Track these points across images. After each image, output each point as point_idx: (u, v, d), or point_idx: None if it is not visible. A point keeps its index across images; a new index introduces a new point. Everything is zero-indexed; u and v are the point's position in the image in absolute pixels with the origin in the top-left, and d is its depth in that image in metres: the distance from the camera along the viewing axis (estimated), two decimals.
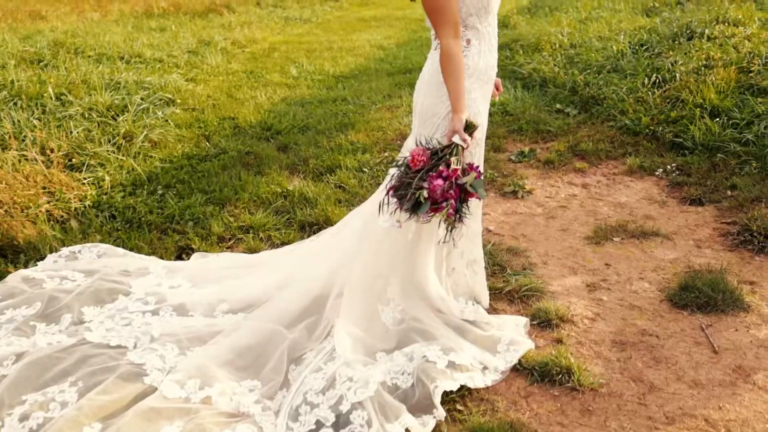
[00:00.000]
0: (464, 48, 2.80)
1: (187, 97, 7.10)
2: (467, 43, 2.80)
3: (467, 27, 2.79)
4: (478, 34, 2.82)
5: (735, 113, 5.55)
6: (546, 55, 7.92)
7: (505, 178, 4.99)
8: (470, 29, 2.80)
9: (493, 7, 2.83)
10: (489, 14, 2.82)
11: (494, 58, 2.93)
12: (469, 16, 2.77)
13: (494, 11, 2.86)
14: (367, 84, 7.89)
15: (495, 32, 2.91)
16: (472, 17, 2.77)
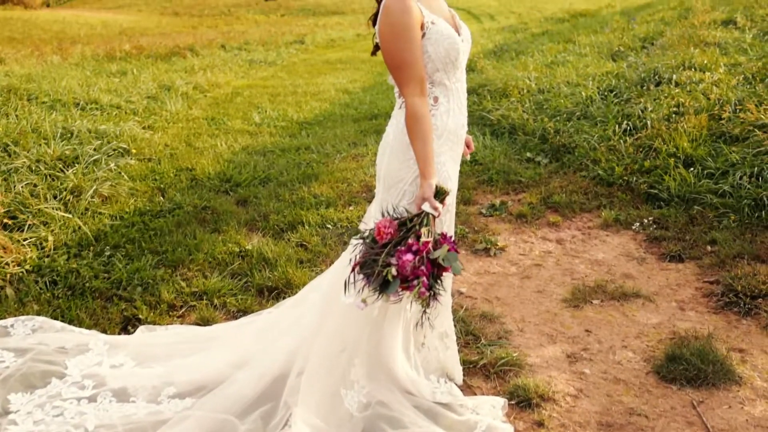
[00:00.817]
0: (432, 107, 2.56)
1: (144, 146, 6.79)
2: (435, 101, 2.57)
3: (434, 83, 2.56)
4: (447, 91, 2.59)
5: (709, 162, 5.41)
6: (514, 101, 7.78)
7: (477, 234, 4.75)
8: (437, 86, 2.57)
9: (461, 62, 2.61)
10: (457, 69, 2.60)
11: (464, 116, 2.70)
12: (436, 72, 2.54)
13: (462, 66, 2.65)
14: (331, 131, 7.66)
15: (464, 88, 2.69)
16: (439, 73, 2.55)
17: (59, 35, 31.55)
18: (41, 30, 34.93)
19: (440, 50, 2.49)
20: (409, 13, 2.41)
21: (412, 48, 2.42)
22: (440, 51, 2.50)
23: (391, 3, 2.43)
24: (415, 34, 2.42)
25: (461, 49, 2.57)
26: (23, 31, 34.32)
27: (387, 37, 2.44)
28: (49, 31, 33.99)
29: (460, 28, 2.67)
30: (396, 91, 2.63)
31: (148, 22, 41.33)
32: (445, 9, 2.69)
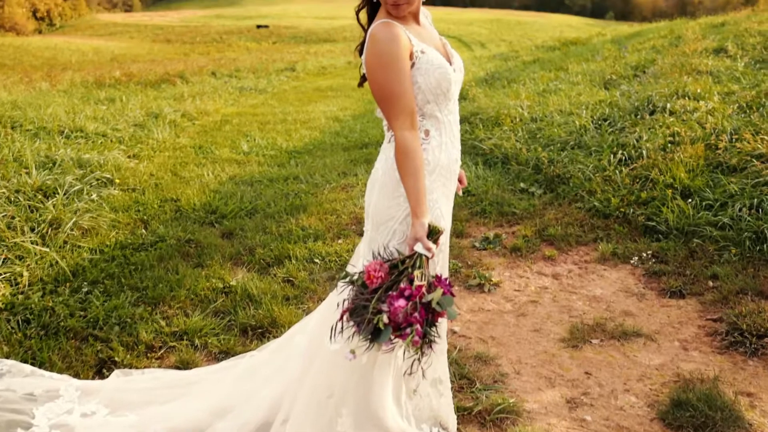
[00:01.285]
0: (423, 141, 2.41)
1: (128, 176, 6.62)
2: (426, 134, 2.42)
3: (425, 116, 2.42)
4: (438, 124, 2.44)
5: (707, 193, 5.28)
6: (506, 130, 7.67)
7: (470, 268, 4.58)
8: (428, 118, 2.42)
9: (453, 93, 2.47)
10: (449, 101, 2.46)
11: (457, 150, 2.55)
12: (427, 104, 2.39)
13: (455, 97, 2.50)
14: (321, 160, 7.51)
15: (456, 120, 2.55)
16: (430, 105, 2.40)
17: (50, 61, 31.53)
18: (32, 56, 34.93)
19: (431, 81, 2.36)
20: (397, 42, 2.27)
21: (401, 79, 2.27)
22: (431, 82, 2.36)
23: (378, 31, 2.29)
24: (403, 64, 2.28)
25: (453, 80, 2.43)
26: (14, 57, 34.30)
27: (374, 67, 2.30)
28: (40, 58, 33.99)
29: (452, 57, 2.54)
30: (385, 125, 2.48)
31: (139, 49, 41.44)
32: (435, 37, 2.56)
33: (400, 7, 2.33)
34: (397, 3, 2.30)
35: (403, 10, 2.34)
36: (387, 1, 2.32)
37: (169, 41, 47.43)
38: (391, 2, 2.30)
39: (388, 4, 2.33)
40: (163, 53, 37.29)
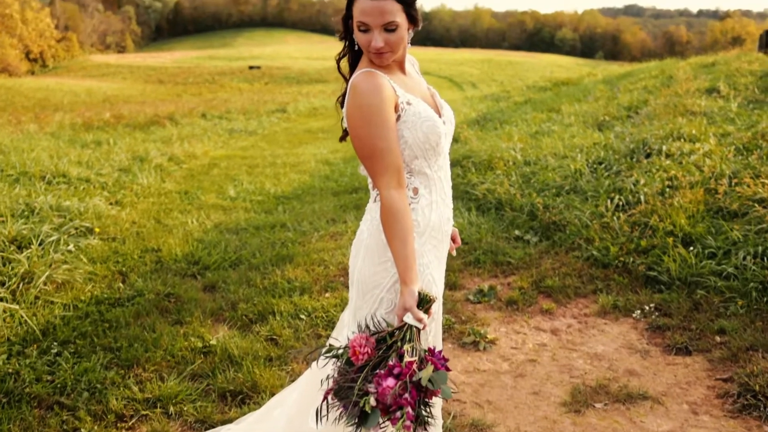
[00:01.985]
0: (411, 200, 2.21)
1: (109, 224, 6.39)
2: (414, 193, 2.22)
3: (413, 173, 2.21)
4: (428, 181, 2.24)
5: (709, 241, 5.09)
6: (500, 174, 7.49)
7: (464, 324, 4.34)
8: (417, 175, 2.22)
9: (443, 147, 2.27)
10: (439, 156, 2.26)
11: (449, 209, 2.35)
12: (415, 160, 2.20)
13: (445, 151, 2.31)
14: (310, 206, 7.30)
15: (447, 176, 2.34)
16: (419, 161, 2.20)
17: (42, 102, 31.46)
18: (24, 97, 34.87)
19: (418, 135, 2.16)
20: (381, 93, 2.08)
21: (386, 133, 2.07)
22: (418, 136, 2.16)
23: (360, 81, 2.10)
24: (388, 117, 2.08)
25: (443, 133, 2.23)
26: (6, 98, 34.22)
27: (356, 121, 2.10)
28: (32, 99, 33.93)
29: (442, 109, 2.35)
30: (369, 183, 2.28)
31: (132, 89, 41.49)
32: (423, 87, 2.37)
33: (384, 56, 2.14)
34: (380, 51, 2.12)
35: (387, 59, 2.16)
36: (369, 50, 2.13)
37: (161, 82, 47.57)
38: (374, 50, 2.12)
39: (370, 53, 2.15)
40: (156, 94, 37.33)
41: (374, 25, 2.08)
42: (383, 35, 2.10)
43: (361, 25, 2.10)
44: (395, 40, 2.12)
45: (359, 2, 2.09)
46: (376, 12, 2.06)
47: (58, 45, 68.19)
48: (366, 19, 2.08)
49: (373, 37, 2.10)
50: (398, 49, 2.15)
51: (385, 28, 2.09)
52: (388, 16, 2.07)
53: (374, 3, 2.06)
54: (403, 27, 2.12)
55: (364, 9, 2.07)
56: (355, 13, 2.10)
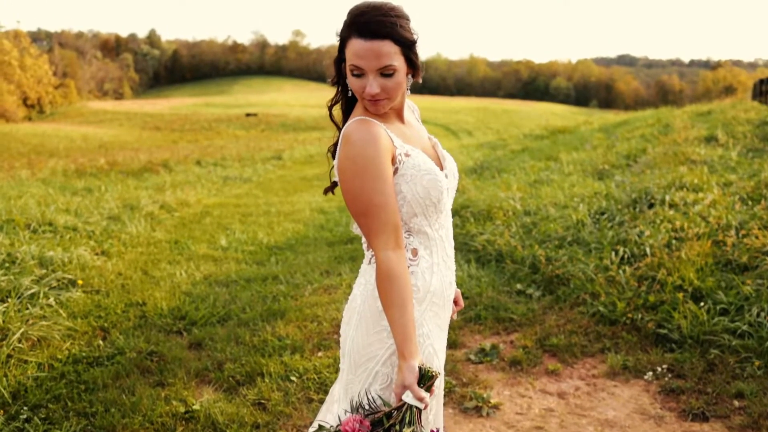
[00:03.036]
0: (410, 262, 1.98)
1: (93, 275, 6.13)
2: (414, 254, 1.99)
3: (412, 232, 1.99)
4: (428, 241, 2.02)
5: (720, 296, 4.85)
6: (499, 224, 7.27)
7: (465, 387, 4.07)
8: (416, 234, 2.00)
9: (445, 204, 2.05)
10: (440, 213, 2.04)
11: (451, 272, 2.12)
12: (414, 218, 1.97)
13: (447, 208, 2.08)
14: (303, 257, 7.06)
15: (449, 235, 2.12)
16: (418, 218, 1.98)
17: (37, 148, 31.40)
18: (20, 143, 34.83)
19: (418, 190, 1.94)
20: (376, 143, 1.87)
21: (382, 188, 1.86)
22: (418, 191, 1.94)
23: (353, 131, 1.89)
24: (384, 170, 1.87)
25: (445, 188, 2.01)
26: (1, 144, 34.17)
27: (349, 174, 1.88)
28: (27, 144, 33.88)
29: (444, 161, 2.13)
30: (363, 243, 2.05)
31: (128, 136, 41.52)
32: (424, 137, 2.15)
33: (379, 104, 1.93)
34: (376, 99, 1.91)
35: (383, 107, 1.95)
36: (363, 96, 1.92)
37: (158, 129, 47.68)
38: (369, 98, 1.91)
39: (364, 100, 1.94)
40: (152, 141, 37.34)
41: (369, 69, 1.87)
42: (379, 80, 1.89)
43: (354, 68, 1.89)
44: (392, 86, 1.91)
45: (352, 43, 1.88)
46: (371, 54, 1.86)
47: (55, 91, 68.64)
48: (360, 63, 1.87)
49: (368, 83, 1.89)
50: (395, 96, 1.95)
51: (382, 73, 1.89)
52: (384, 59, 1.87)
53: (369, 44, 1.85)
54: (401, 71, 1.92)
55: (358, 51, 1.87)
56: (348, 55, 1.90)
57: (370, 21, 1.85)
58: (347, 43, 1.90)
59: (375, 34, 1.85)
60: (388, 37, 1.86)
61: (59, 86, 71.17)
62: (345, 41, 1.91)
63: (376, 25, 1.85)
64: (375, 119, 1.94)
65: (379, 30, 1.85)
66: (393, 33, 1.86)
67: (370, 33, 1.85)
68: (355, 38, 1.87)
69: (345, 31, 1.91)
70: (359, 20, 1.86)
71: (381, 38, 1.85)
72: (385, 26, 1.85)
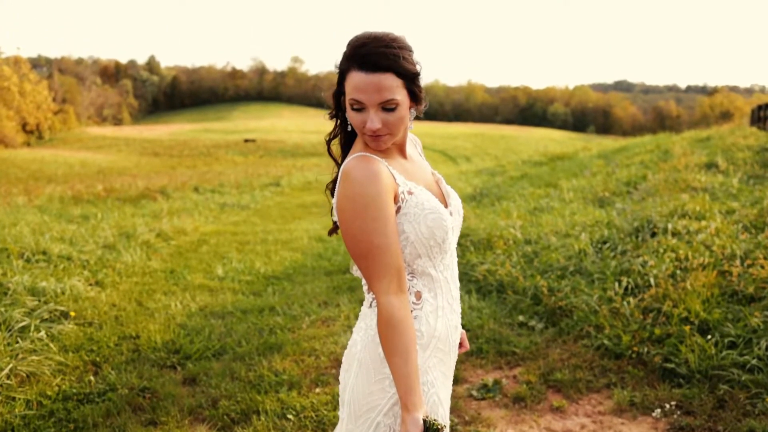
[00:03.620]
0: (414, 306, 1.88)
1: (86, 307, 6.00)
2: (417, 297, 1.89)
3: (415, 274, 1.89)
4: (432, 283, 1.91)
5: (728, 328, 4.73)
6: (500, 254, 7.16)
7: (468, 425, 3.93)
8: (420, 277, 1.89)
9: (450, 244, 1.95)
10: (446, 253, 1.94)
11: (457, 315, 2.01)
12: (417, 259, 1.87)
13: (452, 248, 1.98)
14: (301, 287, 6.93)
15: (455, 275, 2.02)
16: (422, 260, 1.88)
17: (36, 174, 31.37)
18: (19, 169, 34.81)
19: (422, 230, 1.84)
20: (377, 181, 1.77)
21: (384, 228, 1.76)
22: (422, 230, 1.84)
23: (352, 168, 1.79)
24: (386, 209, 1.77)
25: (450, 227, 1.91)
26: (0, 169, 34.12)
27: (349, 214, 1.78)
28: (26, 170, 33.86)
29: (448, 198, 2.03)
30: (364, 285, 1.94)
31: (127, 161, 41.55)
32: (427, 173, 2.05)
33: (381, 139, 1.84)
34: (377, 134, 1.81)
35: (385, 143, 1.85)
36: (364, 131, 1.83)
37: (156, 154, 47.72)
38: (370, 133, 1.81)
39: (365, 135, 1.84)
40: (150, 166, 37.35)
41: (370, 103, 1.78)
42: (380, 115, 1.79)
43: (354, 103, 1.80)
44: (394, 120, 1.81)
45: (352, 76, 1.78)
46: (371, 88, 1.76)
47: (54, 117, 68.75)
48: (360, 97, 1.78)
49: (369, 118, 1.79)
50: (398, 131, 1.85)
51: (383, 107, 1.79)
52: (386, 93, 1.77)
53: (370, 77, 1.76)
54: (404, 105, 1.82)
55: (358, 85, 1.77)
56: (348, 88, 1.80)
57: (371, 53, 1.76)
58: (347, 76, 1.81)
59: (376, 67, 1.76)
60: (390, 70, 1.77)
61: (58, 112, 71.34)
62: (344, 74, 1.82)
63: (377, 57, 1.76)
64: (376, 155, 1.85)
65: (380, 62, 1.76)
66: (395, 66, 1.77)
67: (372, 66, 1.76)
68: (356, 71, 1.78)
69: (344, 63, 1.82)
70: (359, 52, 1.77)
71: (383, 71, 1.76)
72: (387, 58, 1.76)
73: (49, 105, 66.46)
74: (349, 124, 1.89)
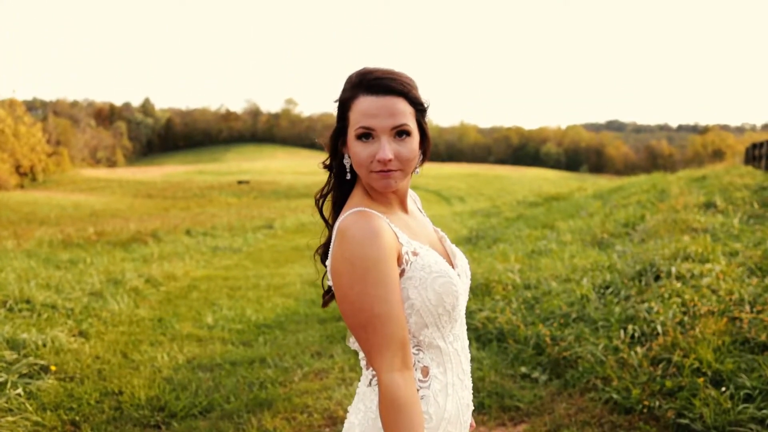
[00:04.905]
0: (420, 384, 1.65)
1: (69, 359, 5.73)
2: (424, 374, 1.66)
3: (422, 347, 1.66)
4: (441, 357, 1.68)
5: (742, 380, 4.50)
6: (499, 300, 6.93)
7: None
8: (427, 350, 1.67)
9: (460, 311, 1.72)
10: (455, 322, 1.71)
11: (468, 392, 1.78)
12: (424, 329, 1.65)
13: (461, 315, 1.76)
14: (293, 336, 6.67)
15: (465, 347, 1.79)
16: (429, 330, 1.65)
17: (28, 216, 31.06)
18: (11, 211, 34.50)
19: (429, 296, 1.62)
20: (379, 240, 1.55)
21: (386, 295, 1.53)
22: (429, 297, 1.62)
23: (350, 225, 1.58)
24: (389, 273, 1.54)
25: (460, 291, 1.70)
26: None
27: (346, 279, 1.56)
28: (19, 213, 33.55)
29: (454, 258, 1.81)
30: (361, 360, 1.72)
31: (120, 203, 41.28)
32: (429, 230, 1.83)
33: (391, 175, 1.62)
34: (389, 168, 1.60)
35: (395, 181, 1.63)
36: (371, 167, 1.61)
37: (150, 196, 47.54)
38: (380, 167, 1.60)
39: (372, 174, 1.62)
40: (143, 208, 37.09)
41: (382, 129, 1.58)
42: (393, 145, 1.60)
43: (363, 131, 1.59)
44: (407, 153, 1.61)
45: (360, 102, 1.59)
46: (384, 112, 1.57)
47: (48, 159, 68.67)
48: (371, 122, 1.57)
49: (380, 146, 1.58)
50: (409, 168, 1.64)
51: (397, 132, 1.59)
52: (399, 117, 1.58)
53: (382, 100, 1.57)
54: (415, 139, 1.63)
55: (368, 109, 1.58)
56: (355, 116, 1.60)
57: (382, 77, 1.59)
58: (352, 104, 1.61)
59: (388, 90, 1.58)
60: (402, 95, 1.59)
61: (52, 154, 71.27)
62: (349, 102, 1.63)
63: (388, 81, 1.59)
64: (375, 210, 1.63)
65: (392, 86, 1.59)
66: (407, 91, 1.61)
67: (383, 89, 1.58)
68: (365, 96, 1.59)
69: (348, 92, 1.63)
70: (368, 77, 1.59)
71: (395, 95, 1.58)
72: (399, 83, 1.60)
73: (43, 147, 66.42)
74: (348, 171, 1.69)
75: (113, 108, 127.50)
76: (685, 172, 21.52)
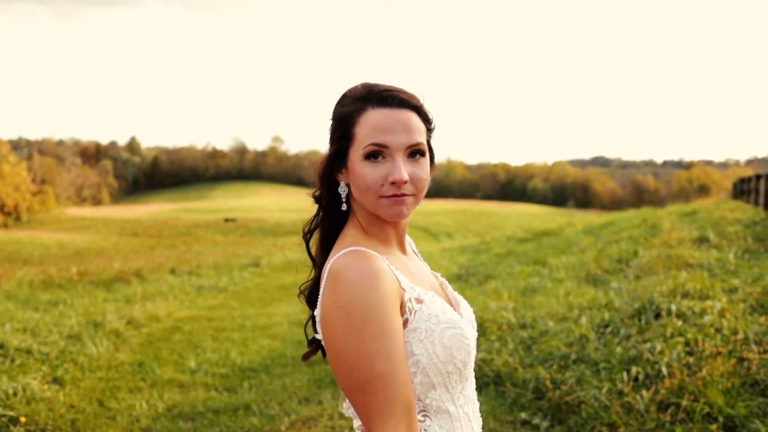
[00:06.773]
0: None
1: (41, 409, 5.39)
2: None
3: (428, 411, 1.41)
4: (451, 423, 1.43)
5: (756, 425, 4.26)
6: (494, 340, 6.66)
7: None
8: (435, 414, 1.42)
9: (471, 370, 1.48)
10: (466, 381, 1.46)
11: None
12: (431, 391, 1.39)
13: (471, 374, 1.51)
14: (280, 380, 6.35)
15: (476, 409, 1.54)
16: (437, 392, 1.40)
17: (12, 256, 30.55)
18: None
19: (437, 351, 1.37)
20: (379, 284, 1.30)
21: (388, 350, 1.27)
22: (437, 352, 1.37)
23: (345, 266, 1.32)
24: (391, 324, 1.29)
25: (472, 345, 1.45)
26: None
27: (339, 330, 1.30)
28: (2, 252, 33.01)
29: (458, 307, 1.56)
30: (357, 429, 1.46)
31: (105, 242, 40.76)
32: (429, 276, 1.59)
33: (404, 201, 1.38)
34: (402, 193, 1.37)
35: (407, 208, 1.40)
36: (381, 193, 1.37)
37: (135, 235, 47.03)
38: (393, 190, 1.36)
39: (382, 198, 1.37)
40: (128, 247, 36.60)
41: (396, 146, 1.35)
42: (407, 166, 1.36)
43: (374, 149, 1.35)
44: (422, 177, 1.39)
45: (371, 115, 1.36)
46: (399, 126, 1.35)
47: (33, 198, 68.10)
48: (384, 139, 1.34)
49: (395, 166, 1.34)
50: (421, 195, 1.42)
51: (412, 152, 1.37)
52: (416, 134, 1.36)
53: (396, 113, 1.35)
54: (428, 161, 1.41)
55: (382, 123, 1.34)
56: (363, 133, 1.36)
57: (394, 89, 1.37)
58: (359, 118, 1.37)
59: (402, 103, 1.36)
60: (416, 110, 1.38)
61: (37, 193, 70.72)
62: (354, 117, 1.38)
63: (401, 94, 1.37)
64: (372, 250, 1.39)
65: (406, 100, 1.37)
66: (420, 106, 1.40)
67: (398, 102, 1.36)
68: (375, 109, 1.36)
69: (353, 105, 1.40)
70: (377, 89, 1.37)
71: (410, 109, 1.37)
72: (412, 98, 1.39)
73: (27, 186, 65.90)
74: (344, 201, 1.45)
75: (99, 147, 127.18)
76: (675, 206, 21.50)
